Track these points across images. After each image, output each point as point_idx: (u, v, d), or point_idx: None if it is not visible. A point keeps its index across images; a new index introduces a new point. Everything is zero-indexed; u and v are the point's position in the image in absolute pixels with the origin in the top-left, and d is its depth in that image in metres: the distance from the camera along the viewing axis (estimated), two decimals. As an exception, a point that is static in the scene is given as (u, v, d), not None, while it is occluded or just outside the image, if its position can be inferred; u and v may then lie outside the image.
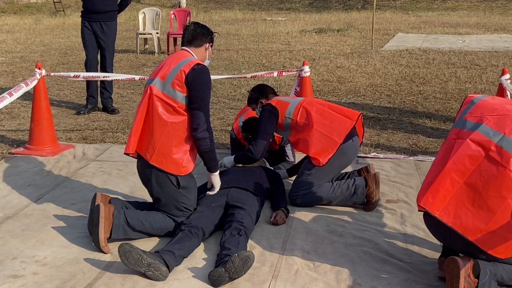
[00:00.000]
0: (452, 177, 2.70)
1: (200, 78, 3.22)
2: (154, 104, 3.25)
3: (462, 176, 2.69)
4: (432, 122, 6.16)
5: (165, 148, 3.25)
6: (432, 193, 2.71)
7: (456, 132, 2.87)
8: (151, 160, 3.28)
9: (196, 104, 3.22)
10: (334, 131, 3.85)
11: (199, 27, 3.47)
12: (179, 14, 12.43)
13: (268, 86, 4.34)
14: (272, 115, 3.96)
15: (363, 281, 2.93)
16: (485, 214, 2.63)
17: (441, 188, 2.70)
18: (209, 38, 3.50)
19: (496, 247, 2.65)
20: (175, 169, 3.29)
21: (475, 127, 2.80)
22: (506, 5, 22.93)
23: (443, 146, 2.94)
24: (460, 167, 2.70)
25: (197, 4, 25.79)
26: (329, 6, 24.78)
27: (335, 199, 3.85)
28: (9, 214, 3.73)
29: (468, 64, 9.74)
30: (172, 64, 3.30)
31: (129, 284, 2.87)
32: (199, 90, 3.21)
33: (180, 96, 3.22)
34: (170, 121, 3.24)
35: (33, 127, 5.08)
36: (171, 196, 3.33)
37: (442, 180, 2.71)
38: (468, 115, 2.89)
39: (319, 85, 8.11)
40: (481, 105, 2.91)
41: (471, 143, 2.73)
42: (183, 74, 3.21)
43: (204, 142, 3.26)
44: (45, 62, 10.23)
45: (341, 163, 3.95)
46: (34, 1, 25.35)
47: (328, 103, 4.12)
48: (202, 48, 3.48)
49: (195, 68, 3.23)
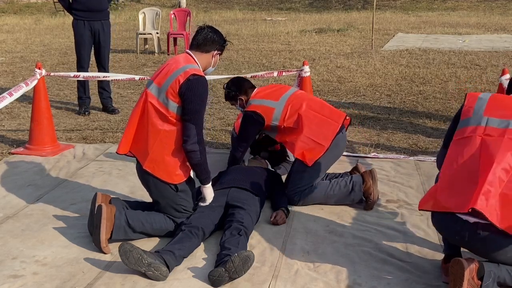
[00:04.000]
0: (500, 177, 2.63)
1: (194, 90, 3.13)
2: (149, 110, 3.22)
3: (507, 174, 2.64)
4: (432, 122, 6.16)
5: (158, 155, 3.23)
6: (485, 194, 2.60)
7: (480, 129, 2.79)
8: (145, 166, 3.28)
9: (188, 116, 3.15)
10: (321, 135, 3.83)
11: (212, 32, 3.36)
12: (179, 14, 12.43)
13: (245, 79, 4.23)
14: (255, 122, 3.93)
15: (363, 281, 2.93)
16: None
17: (492, 188, 2.60)
18: (219, 46, 3.40)
19: None
20: (167, 177, 3.26)
21: (503, 123, 2.75)
22: (506, 5, 22.93)
23: (459, 144, 2.82)
24: (505, 165, 2.64)
25: (197, 4, 25.79)
26: (329, 6, 24.77)
27: (333, 196, 3.84)
28: (9, 214, 3.73)
29: (468, 64, 9.74)
30: (170, 70, 3.22)
31: (129, 284, 2.87)
32: (192, 102, 3.13)
33: (172, 106, 3.16)
34: (163, 129, 3.20)
35: (33, 127, 5.08)
36: (170, 199, 3.33)
37: (493, 179, 2.61)
38: (487, 112, 2.83)
39: (319, 85, 8.11)
40: (495, 102, 2.87)
41: (510, 140, 2.68)
42: (178, 84, 3.13)
43: (194, 154, 3.20)
44: (45, 62, 10.23)
45: (334, 155, 3.95)
46: (34, 1, 25.35)
47: (313, 101, 4.05)
48: (209, 54, 3.38)
49: (190, 79, 3.13)
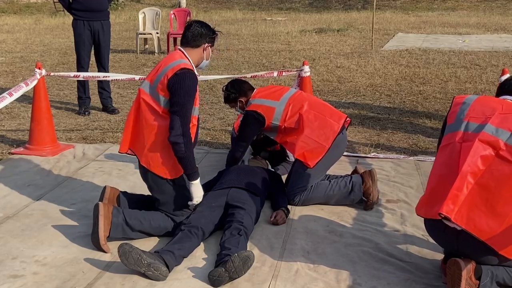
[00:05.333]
0: (468, 180, 2.64)
1: (181, 83, 3.17)
2: (142, 107, 3.29)
3: (475, 177, 2.64)
4: (432, 122, 6.16)
5: (153, 150, 3.27)
6: (452, 199, 2.63)
7: (459, 135, 2.81)
8: (142, 161, 3.33)
9: (174, 108, 3.18)
10: (322, 136, 3.82)
11: (200, 26, 3.41)
12: (179, 14, 12.43)
13: (245, 81, 4.23)
14: (256, 121, 3.93)
15: (363, 281, 2.93)
16: (498, 214, 2.58)
17: (460, 193, 2.63)
18: (209, 39, 3.43)
19: (508, 247, 2.59)
20: (163, 171, 3.29)
21: (480, 128, 2.75)
22: (506, 5, 22.93)
23: (443, 151, 2.87)
24: (474, 169, 2.65)
25: (197, 4, 25.79)
26: (329, 6, 24.77)
27: (333, 197, 3.84)
28: (9, 214, 3.73)
29: (468, 64, 9.74)
30: (161, 67, 3.29)
31: (129, 284, 2.87)
32: (178, 95, 3.17)
33: (163, 100, 3.22)
34: (156, 124, 3.24)
35: (33, 127, 5.08)
36: (169, 195, 3.35)
37: (460, 184, 2.64)
38: (467, 117, 2.84)
39: (319, 85, 8.11)
40: (478, 106, 2.87)
41: (481, 144, 2.68)
42: (166, 79, 3.20)
43: (178, 146, 3.18)
44: (45, 62, 10.23)
45: (335, 155, 3.94)
46: (34, 1, 25.34)
47: (314, 101, 4.05)
48: (200, 49, 3.42)
49: (178, 73, 3.19)
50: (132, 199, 3.57)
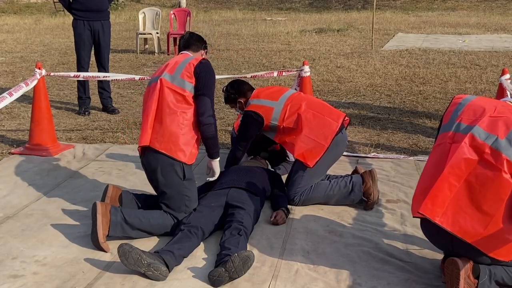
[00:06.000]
0: (450, 182, 2.66)
1: (207, 70, 3.48)
2: (165, 94, 3.41)
3: (459, 180, 2.66)
4: (432, 122, 6.16)
5: (174, 136, 3.36)
6: (431, 199, 2.67)
7: (450, 136, 2.83)
8: (161, 148, 3.36)
9: (203, 90, 3.41)
10: (321, 135, 3.83)
11: (193, 35, 3.78)
12: (179, 14, 12.43)
13: (245, 82, 4.24)
14: (255, 122, 3.93)
15: (363, 281, 2.93)
16: (483, 217, 2.61)
17: (440, 194, 2.67)
18: (203, 46, 3.78)
19: (497, 249, 2.62)
20: (183, 156, 3.38)
21: (468, 129, 2.76)
22: (506, 5, 22.94)
23: (435, 150, 2.90)
24: (457, 171, 2.67)
25: (197, 4, 25.80)
26: (329, 6, 24.78)
27: (333, 197, 3.84)
28: (9, 214, 3.73)
29: (468, 64, 9.74)
30: (177, 62, 3.51)
31: (129, 284, 2.87)
32: (206, 79, 3.44)
33: (189, 86, 3.40)
34: (180, 110, 3.38)
35: (33, 127, 5.08)
36: (176, 189, 3.37)
37: (441, 185, 2.67)
38: (459, 118, 2.85)
39: (319, 85, 8.11)
40: (471, 107, 2.87)
41: (465, 147, 2.70)
42: (192, 66, 3.44)
43: (210, 127, 3.41)
44: (45, 62, 10.24)
45: (334, 155, 3.94)
46: (34, 1, 25.35)
47: (313, 101, 4.05)
48: (199, 53, 3.72)
49: (202, 62, 3.50)
50: (133, 198, 3.58)
